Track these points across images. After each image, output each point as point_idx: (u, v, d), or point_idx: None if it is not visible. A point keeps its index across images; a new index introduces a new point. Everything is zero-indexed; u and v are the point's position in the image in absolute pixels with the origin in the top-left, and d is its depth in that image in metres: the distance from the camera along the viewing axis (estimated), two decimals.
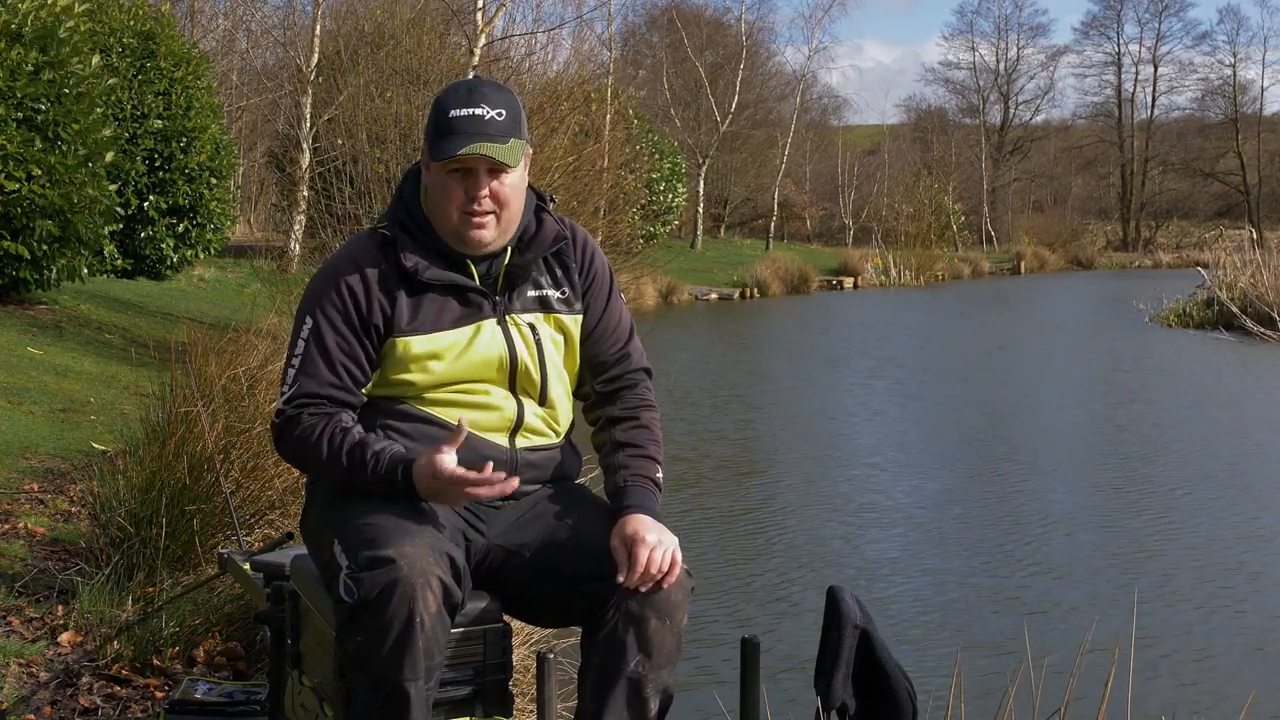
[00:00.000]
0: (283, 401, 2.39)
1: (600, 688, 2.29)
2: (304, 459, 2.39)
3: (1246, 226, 47.37)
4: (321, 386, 2.37)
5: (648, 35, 45.77)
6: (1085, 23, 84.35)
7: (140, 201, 14.13)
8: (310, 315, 2.40)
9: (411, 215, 2.45)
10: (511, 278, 2.45)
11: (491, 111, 2.35)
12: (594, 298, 2.54)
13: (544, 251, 2.48)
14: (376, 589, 2.10)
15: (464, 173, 2.36)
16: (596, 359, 2.54)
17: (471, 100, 2.36)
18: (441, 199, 2.39)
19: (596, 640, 2.29)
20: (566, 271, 2.51)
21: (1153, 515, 7.85)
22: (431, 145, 2.37)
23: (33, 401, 7.52)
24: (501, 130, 2.35)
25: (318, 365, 2.37)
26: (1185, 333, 20.08)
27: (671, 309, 25.50)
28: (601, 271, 2.56)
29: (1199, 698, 4.86)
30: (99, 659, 3.70)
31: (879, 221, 43.70)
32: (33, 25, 9.82)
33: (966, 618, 5.85)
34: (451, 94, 2.40)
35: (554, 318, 2.48)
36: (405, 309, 2.38)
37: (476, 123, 2.34)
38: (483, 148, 2.32)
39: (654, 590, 2.26)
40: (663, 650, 2.27)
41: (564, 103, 12.42)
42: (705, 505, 8.12)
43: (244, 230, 25.46)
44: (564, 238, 2.51)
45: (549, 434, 2.47)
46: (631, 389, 2.55)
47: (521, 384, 2.43)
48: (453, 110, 2.36)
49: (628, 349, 2.56)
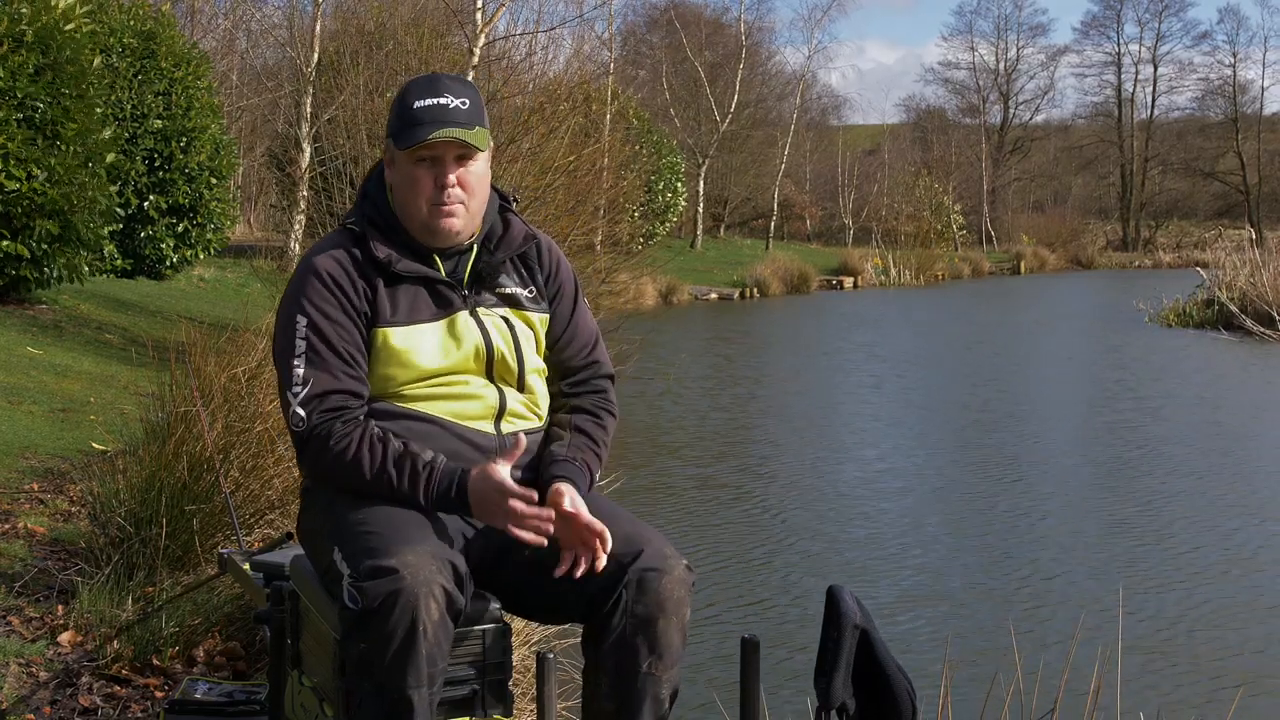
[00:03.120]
0: (299, 405, 2.34)
1: (617, 689, 2.30)
2: (341, 473, 2.32)
3: (1246, 226, 47.31)
4: (337, 379, 2.35)
5: (647, 35, 45.79)
6: (1085, 23, 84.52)
7: (140, 201, 14.12)
8: (301, 313, 2.38)
9: (379, 211, 2.47)
10: (479, 276, 2.47)
11: (455, 100, 2.39)
12: (560, 304, 2.56)
13: (513, 252, 2.51)
14: (379, 598, 2.09)
15: (431, 161, 2.39)
16: (564, 364, 2.56)
17: (434, 90, 2.40)
18: (409, 191, 2.41)
19: (606, 644, 2.30)
20: (532, 275, 2.54)
21: (1152, 515, 7.85)
22: (397, 136, 2.40)
23: (33, 401, 7.52)
24: (466, 118, 2.39)
25: (325, 358, 2.35)
26: (1185, 332, 20.08)
27: (671, 309, 25.49)
28: (567, 278, 2.58)
29: (1191, 695, 4.86)
30: (99, 659, 3.70)
31: (879, 221, 43.69)
32: (35, 30, 9.82)
33: (960, 614, 5.85)
34: (413, 87, 2.43)
35: (523, 314, 2.50)
36: (385, 300, 2.40)
37: (441, 111, 2.37)
38: (450, 132, 2.36)
39: (590, 569, 2.25)
40: (672, 649, 2.30)
41: (564, 103, 12.40)
42: (705, 505, 8.12)
43: (244, 230, 25.45)
44: (532, 238, 2.54)
45: (532, 418, 2.49)
46: (598, 394, 2.58)
47: (499, 372, 2.45)
48: (417, 101, 2.39)
49: (594, 354, 2.59)
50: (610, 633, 2.29)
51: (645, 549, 2.31)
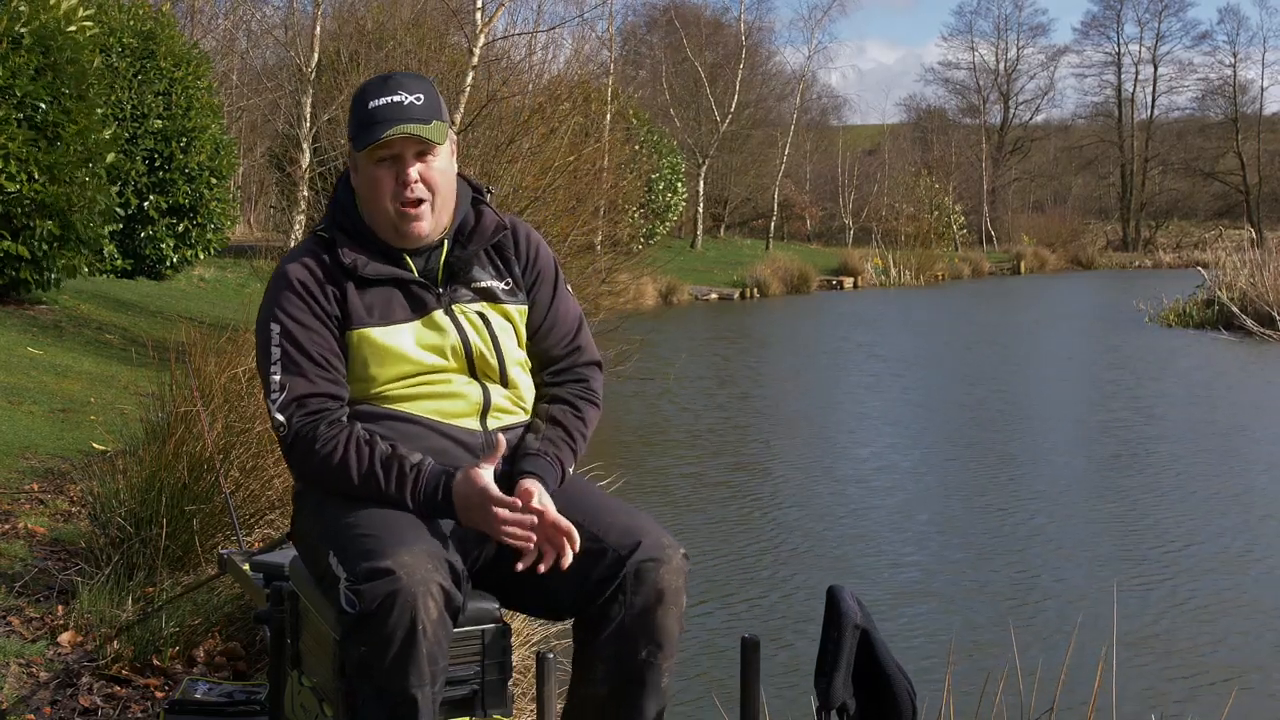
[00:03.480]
0: (277, 410, 2.34)
1: (614, 677, 2.31)
2: (327, 475, 2.32)
3: (1246, 226, 47.38)
4: (312, 383, 2.35)
5: (647, 35, 45.80)
6: (1085, 23, 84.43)
7: (140, 202, 14.12)
8: (274, 321, 2.37)
9: (348, 216, 2.47)
10: (452, 270, 2.46)
11: (410, 96, 2.38)
12: (539, 291, 2.53)
13: (484, 244, 2.49)
14: (377, 600, 2.09)
15: (391, 160, 2.38)
16: (546, 353, 2.54)
17: (388, 89, 2.39)
18: (373, 192, 2.40)
19: (604, 634, 2.30)
20: (508, 265, 2.52)
21: (1151, 514, 7.85)
22: (355, 137, 2.40)
23: (33, 401, 7.51)
24: (422, 113, 2.38)
25: (299, 363, 2.35)
26: (1185, 332, 20.07)
27: (671, 309, 25.48)
28: (546, 264, 2.55)
29: (1188, 694, 4.86)
30: (99, 659, 3.70)
31: (879, 221, 43.67)
32: (34, 31, 9.81)
33: (959, 613, 5.85)
34: (369, 87, 2.43)
35: (499, 307, 2.48)
36: (358, 302, 2.39)
37: (396, 109, 2.37)
38: (406, 128, 2.35)
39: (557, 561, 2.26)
40: (670, 638, 2.31)
41: (564, 102, 12.40)
42: (703, 503, 8.12)
43: (244, 230, 25.44)
44: (504, 228, 2.52)
45: (518, 412, 2.47)
46: (582, 382, 2.55)
47: (480, 369, 2.44)
48: (372, 101, 2.38)
49: (577, 341, 2.57)
50: (609, 623, 2.29)
51: (643, 539, 2.31)
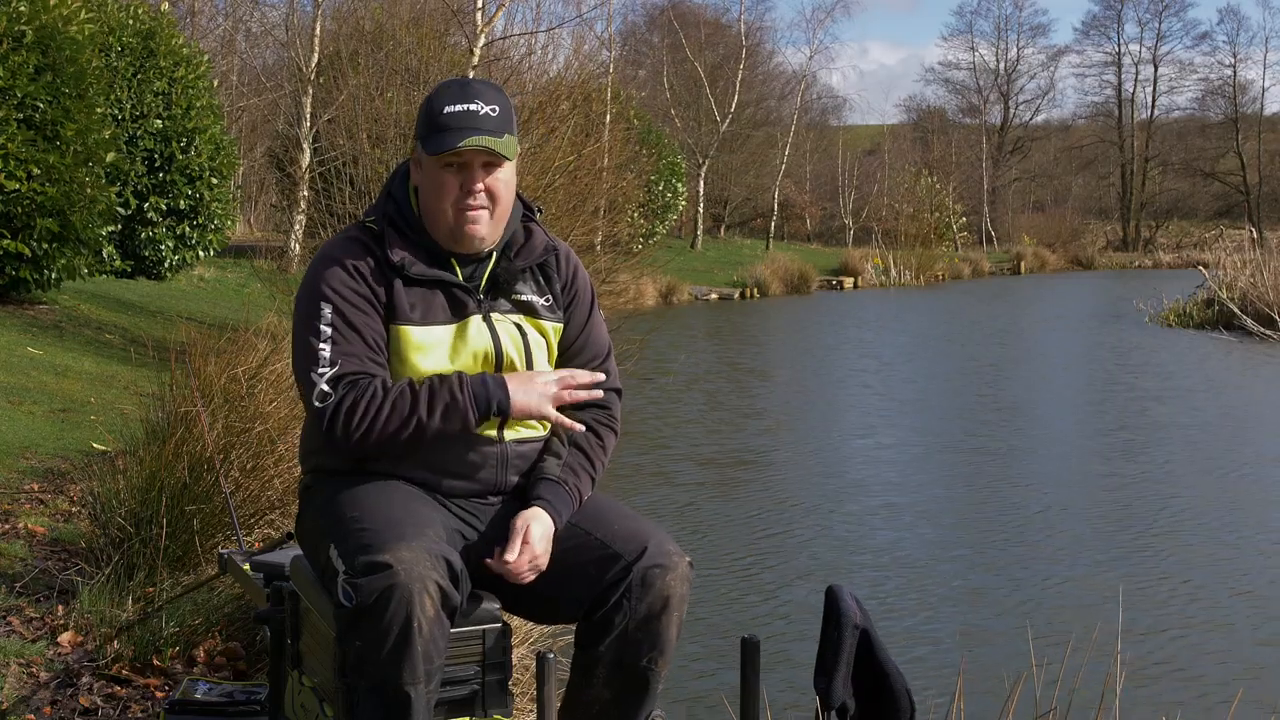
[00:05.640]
0: (325, 383, 2.32)
1: (616, 680, 2.34)
2: (377, 423, 2.30)
3: (1246, 226, 47.31)
4: (364, 363, 2.34)
5: (648, 35, 45.78)
6: (1085, 23, 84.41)
7: (140, 202, 14.11)
8: (325, 300, 2.36)
9: (401, 212, 2.46)
10: (496, 281, 2.46)
11: (486, 107, 2.38)
12: (575, 311, 2.55)
13: (532, 261, 2.50)
14: (373, 595, 2.10)
15: (459, 167, 2.38)
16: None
17: (465, 96, 2.39)
18: (436, 195, 2.40)
19: (608, 639, 2.32)
20: (550, 283, 2.53)
21: (1150, 514, 7.85)
22: (425, 141, 2.38)
23: (33, 401, 7.51)
24: (496, 125, 2.38)
25: (352, 343, 2.34)
26: (1185, 332, 20.07)
27: (671, 309, 25.48)
28: (584, 289, 2.57)
29: (1190, 697, 4.86)
30: (99, 659, 3.70)
31: (879, 221, 43.64)
32: (34, 30, 9.81)
33: (966, 615, 5.85)
34: (444, 91, 2.42)
35: (537, 322, 2.49)
36: (403, 299, 2.39)
37: (471, 118, 2.36)
38: (481, 140, 2.34)
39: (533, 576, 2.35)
40: (670, 645, 2.35)
41: (564, 102, 12.39)
42: (703, 503, 8.12)
43: (244, 230, 25.46)
44: (552, 249, 2.53)
45: (537, 426, 2.47)
46: (602, 409, 2.56)
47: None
48: (447, 107, 2.37)
49: (605, 367, 2.57)
50: (613, 628, 2.31)
51: (649, 546, 2.33)
